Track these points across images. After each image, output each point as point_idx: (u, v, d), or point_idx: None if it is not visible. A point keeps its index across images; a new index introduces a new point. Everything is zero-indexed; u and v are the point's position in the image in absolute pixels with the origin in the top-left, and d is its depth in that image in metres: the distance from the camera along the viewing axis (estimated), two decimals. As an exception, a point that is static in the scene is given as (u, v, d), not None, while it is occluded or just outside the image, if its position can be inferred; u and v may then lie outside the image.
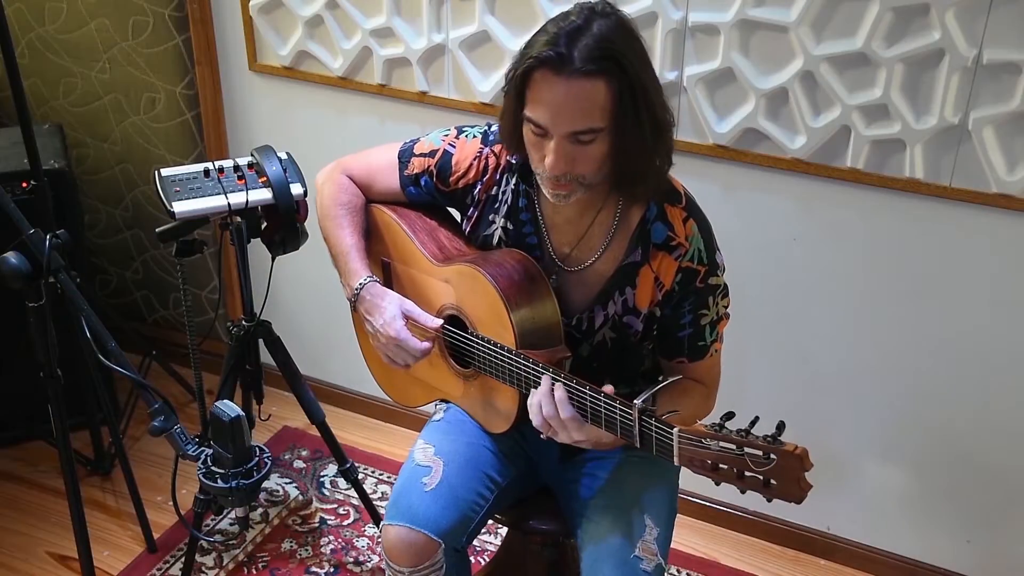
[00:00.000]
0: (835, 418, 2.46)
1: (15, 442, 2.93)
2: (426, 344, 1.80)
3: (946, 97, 2.03)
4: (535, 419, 1.61)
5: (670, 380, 1.59)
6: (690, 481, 1.77)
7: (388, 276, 1.96)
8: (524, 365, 1.65)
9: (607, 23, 1.53)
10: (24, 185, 2.50)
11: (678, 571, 2.57)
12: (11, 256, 1.80)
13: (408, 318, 1.81)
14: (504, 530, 2.39)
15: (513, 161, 1.76)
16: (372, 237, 1.95)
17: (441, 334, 1.83)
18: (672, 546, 1.84)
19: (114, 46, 2.94)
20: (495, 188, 1.80)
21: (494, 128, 1.79)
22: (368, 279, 1.84)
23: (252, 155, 2.19)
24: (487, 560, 2.54)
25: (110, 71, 2.99)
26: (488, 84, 2.45)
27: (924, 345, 2.29)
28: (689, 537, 2.67)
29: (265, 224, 2.23)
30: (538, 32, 1.56)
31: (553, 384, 1.58)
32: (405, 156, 1.88)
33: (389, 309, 1.80)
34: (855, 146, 2.15)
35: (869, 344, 2.35)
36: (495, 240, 1.81)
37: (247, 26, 2.70)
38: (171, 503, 2.09)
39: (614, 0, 1.62)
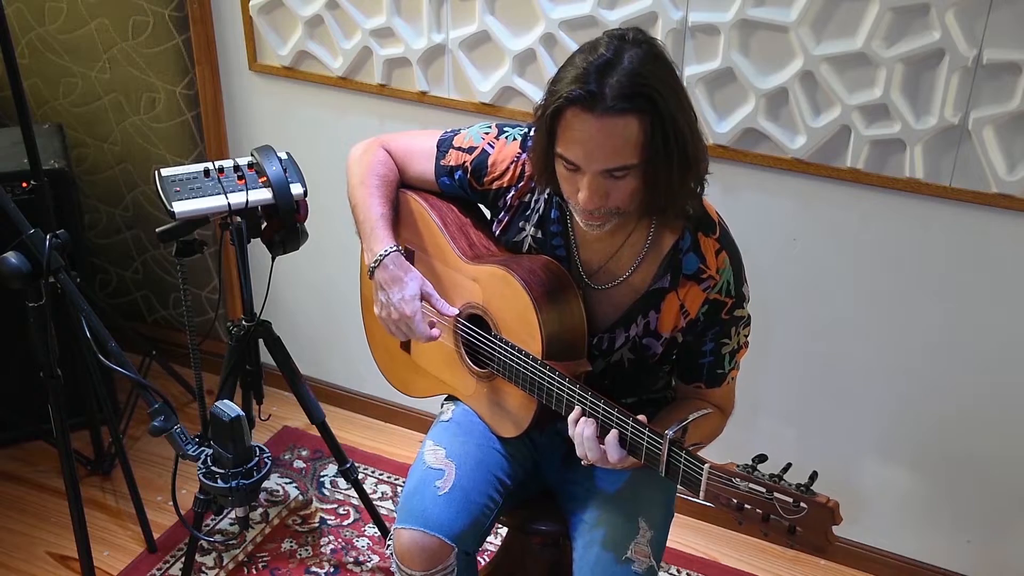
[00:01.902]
0: (835, 418, 2.46)
1: (15, 442, 2.93)
2: (434, 333, 1.78)
3: (946, 97, 2.03)
4: (587, 456, 1.60)
5: (702, 412, 1.59)
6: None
7: (410, 263, 1.95)
8: (548, 376, 1.64)
9: (638, 54, 1.49)
10: (24, 185, 2.50)
11: (678, 571, 2.57)
12: (11, 256, 1.80)
13: (426, 300, 1.79)
14: (503, 530, 2.40)
15: None
16: (401, 223, 1.93)
17: (456, 328, 1.82)
18: (672, 546, 1.84)
19: (114, 46, 2.95)
20: (528, 195, 1.77)
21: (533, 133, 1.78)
22: (393, 248, 1.79)
23: (252, 155, 2.19)
24: (487, 560, 2.54)
25: (110, 71, 2.99)
26: (488, 84, 2.45)
27: (924, 345, 2.29)
28: (689, 537, 2.67)
29: (265, 224, 2.23)
30: (566, 65, 1.53)
31: (607, 428, 1.58)
32: (444, 146, 1.86)
33: (411, 286, 1.77)
34: (855, 146, 2.15)
35: (869, 344, 2.35)
36: (524, 247, 1.79)
37: (247, 26, 2.70)
38: (171, 503, 2.09)
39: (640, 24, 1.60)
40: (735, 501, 1.41)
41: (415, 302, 1.76)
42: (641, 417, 1.55)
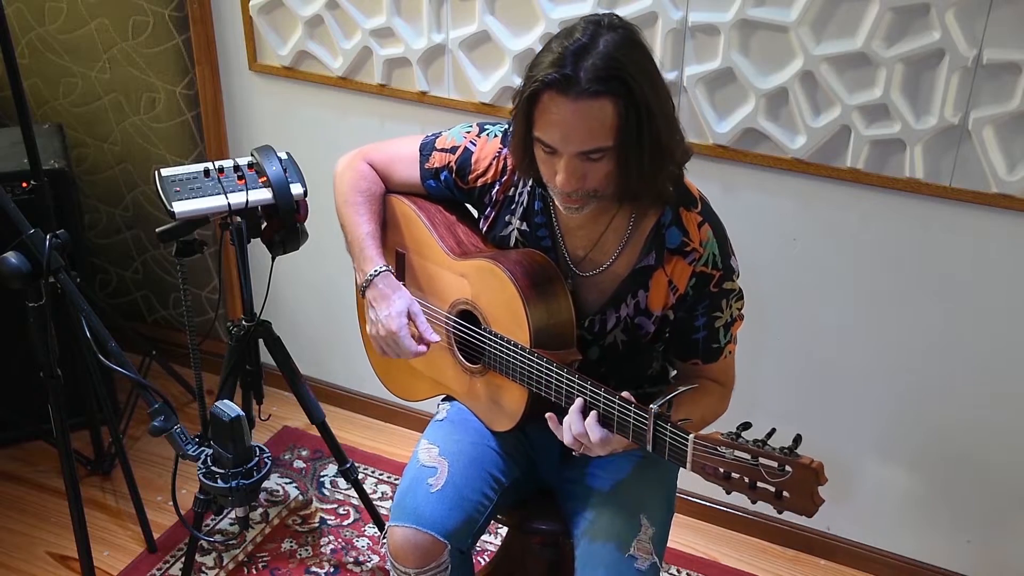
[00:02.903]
0: (835, 418, 2.46)
1: (15, 442, 2.93)
2: (420, 349, 1.80)
3: (946, 97, 2.03)
4: (566, 438, 1.61)
5: (687, 388, 1.60)
6: (690, 481, 1.77)
7: (402, 266, 1.96)
8: (538, 364, 1.65)
9: (613, 39, 1.51)
10: (24, 185, 2.50)
11: (678, 571, 2.58)
12: (11, 256, 1.80)
13: (412, 320, 1.81)
14: (503, 530, 2.39)
15: None
16: (389, 227, 1.95)
17: (451, 328, 1.83)
18: (672, 546, 1.85)
19: (114, 46, 2.95)
20: (512, 189, 1.79)
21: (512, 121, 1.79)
22: (383, 268, 1.84)
23: (252, 155, 2.19)
24: (487, 560, 2.55)
25: (110, 71, 2.99)
26: (488, 84, 2.45)
27: (924, 345, 2.29)
28: (689, 537, 2.67)
29: (265, 224, 2.23)
30: (542, 51, 1.56)
31: (585, 407, 1.59)
32: (426, 149, 1.88)
33: (397, 304, 1.80)
34: (855, 146, 2.15)
35: (869, 344, 2.35)
36: (512, 241, 1.81)
37: (247, 26, 2.70)
38: (171, 503, 2.09)
39: (617, 9, 1.61)
40: (722, 471, 1.42)
41: (401, 318, 1.79)
42: (625, 393, 1.56)
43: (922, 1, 1.97)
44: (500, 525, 2.19)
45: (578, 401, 1.60)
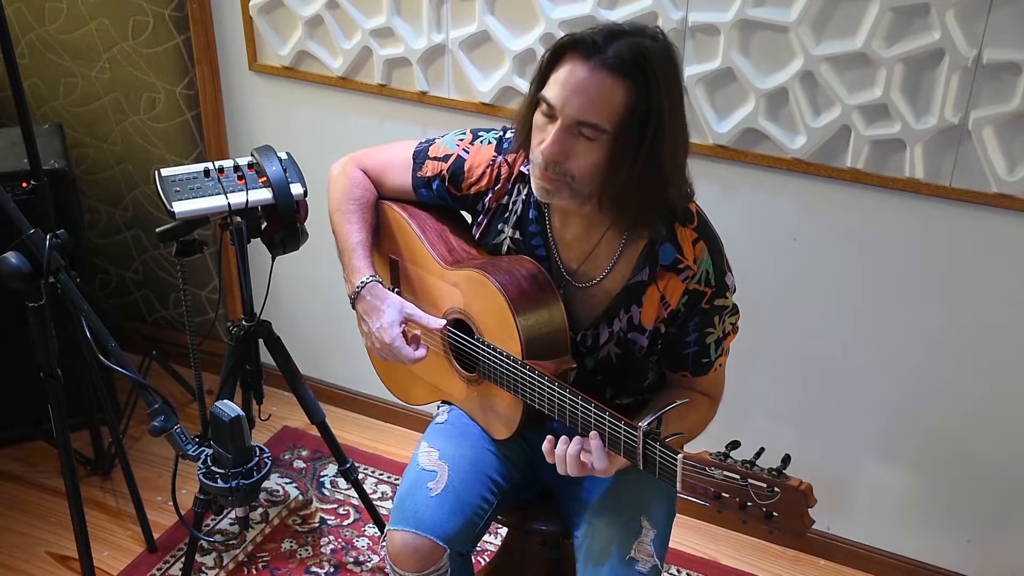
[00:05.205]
0: (835, 418, 2.46)
1: (15, 442, 2.93)
2: (419, 353, 1.80)
3: (946, 97, 2.03)
4: (571, 471, 1.60)
5: (677, 403, 1.59)
6: (690, 481, 1.77)
7: (395, 274, 1.96)
8: (529, 376, 1.65)
9: (652, 42, 1.52)
10: (24, 185, 2.50)
11: (678, 571, 2.58)
12: (11, 256, 1.80)
13: (409, 321, 1.81)
14: (503, 530, 2.40)
15: (525, 171, 1.74)
16: (383, 234, 1.95)
17: (446, 336, 1.83)
18: (672, 546, 1.85)
19: (114, 46, 2.95)
20: (506, 197, 1.78)
21: (508, 135, 1.77)
22: (370, 279, 1.82)
23: (252, 155, 2.19)
24: (487, 560, 2.55)
25: (110, 71, 2.99)
26: (488, 84, 2.45)
27: (924, 345, 2.29)
28: (689, 537, 2.67)
29: (265, 224, 2.23)
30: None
31: (586, 436, 1.58)
32: (419, 157, 1.87)
33: (388, 314, 1.79)
34: (855, 146, 2.15)
35: (869, 344, 2.35)
36: (504, 249, 1.80)
37: (247, 26, 2.70)
38: (171, 503, 2.08)
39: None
40: (712, 491, 1.42)
41: (393, 328, 1.78)
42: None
43: (922, 1, 1.97)
44: (501, 526, 2.19)
45: (575, 440, 1.59)
